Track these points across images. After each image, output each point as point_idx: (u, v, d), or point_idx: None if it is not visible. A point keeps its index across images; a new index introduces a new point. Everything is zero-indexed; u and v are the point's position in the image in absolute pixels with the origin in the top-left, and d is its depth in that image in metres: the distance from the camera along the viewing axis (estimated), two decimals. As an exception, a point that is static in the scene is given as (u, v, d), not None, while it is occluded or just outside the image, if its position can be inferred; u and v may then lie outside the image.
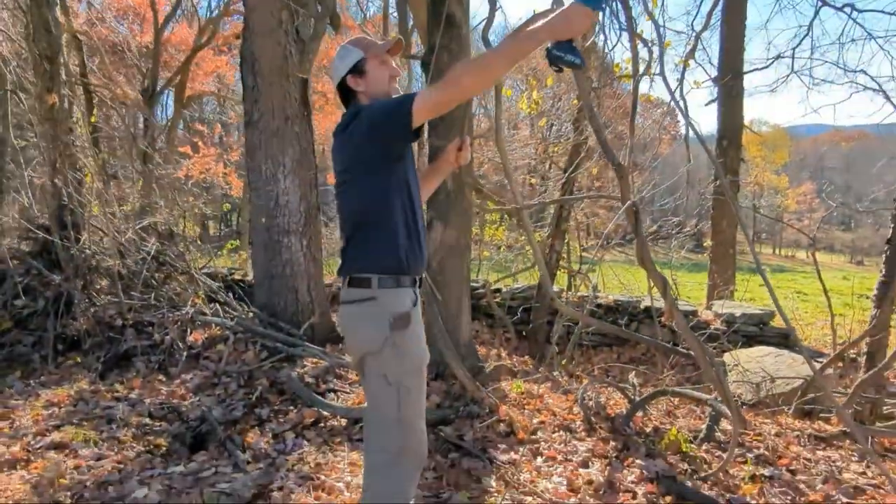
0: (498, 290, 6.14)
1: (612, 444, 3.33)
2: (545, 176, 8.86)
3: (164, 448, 3.40)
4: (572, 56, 1.65)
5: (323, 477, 2.98)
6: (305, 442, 3.38)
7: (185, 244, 6.20)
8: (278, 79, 4.70)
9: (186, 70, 12.00)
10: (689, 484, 2.83)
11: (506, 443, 3.34)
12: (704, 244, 8.77)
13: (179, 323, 4.81)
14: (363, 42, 2.08)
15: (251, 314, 5.04)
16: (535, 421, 3.61)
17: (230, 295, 5.48)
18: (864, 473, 3.03)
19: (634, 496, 2.79)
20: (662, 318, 5.45)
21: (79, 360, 4.73)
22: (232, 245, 9.90)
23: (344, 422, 3.59)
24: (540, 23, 1.65)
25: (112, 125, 11.31)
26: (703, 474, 2.92)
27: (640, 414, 3.70)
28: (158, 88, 11.83)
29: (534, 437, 3.43)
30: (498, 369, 4.20)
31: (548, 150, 7.14)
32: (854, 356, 4.90)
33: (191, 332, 4.77)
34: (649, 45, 5.24)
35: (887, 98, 6.19)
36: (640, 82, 4.89)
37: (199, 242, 7.79)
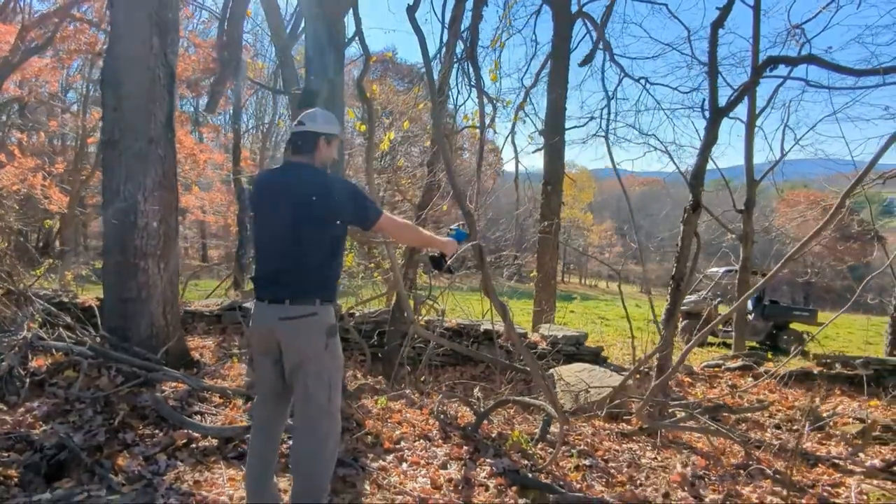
0: (352, 315, 6.48)
1: (465, 448, 3.86)
2: (395, 207, 9.43)
3: (16, 479, 3.28)
4: (443, 266, 2.99)
5: (204, 493, 3.12)
6: (179, 462, 3.47)
7: (9, 261, 5.74)
8: (144, 102, 4.70)
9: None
10: (529, 476, 3.44)
11: (374, 452, 3.72)
12: (531, 275, 9.90)
13: (17, 348, 4.51)
14: (336, 122, 2.80)
15: (99, 338, 4.86)
16: (397, 432, 4.03)
17: (67, 317, 5.21)
18: (655, 458, 3.88)
19: (487, 489, 3.32)
20: (500, 340, 6.19)
21: None
22: (50, 264, 9.06)
23: (216, 442, 3.72)
24: (440, 239, 2.96)
25: None
26: (539, 467, 3.55)
27: (485, 422, 4.29)
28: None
29: (398, 446, 3.84)
30: (361, 388, 4.55)
31: (399, 184, 7.70)
32: (647, 369, 6.00)
33: (32, 359, 4.50)
34: (494, 101, 6.03)
35: (671, 159, 7.72)
36: (485, 131, 5.63)
37: (24, 260, 7.13)
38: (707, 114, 4.94)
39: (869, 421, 5.21)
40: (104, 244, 5.03)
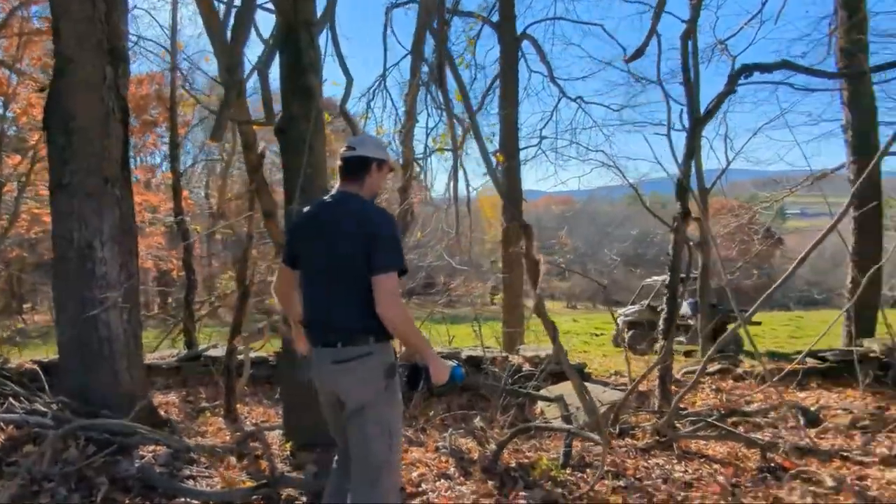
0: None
1: (491, 483, 3.62)
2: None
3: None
4: (419, 385, 2.46)
5: (223, 569, 2.75)
6: (182, 536, 3.06)
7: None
8: (98, 138, 4.28)
9: None
10: (570, 504, 3.25)
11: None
12: (496, 298, 9.81)
13: (-39, 426, 3.93)
14: (385, 147, 2.64)
15: (56, 404, 4.32)
16: (414, 474, 3.75)
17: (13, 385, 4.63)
18: (686, 471, 3.78)
19: (531, 524, 3.11)
20: (487, 365, 6.01)
21: None
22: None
23: (219, 508, 3.32)
24: (434, 354, 2.40)
25: None
26: (578, 494, 3.37)
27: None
28: None
29: (420, 489, 3.56)
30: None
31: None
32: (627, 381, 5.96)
33: (-20, 437, 3.92)
34: (464, 123, 5.94)
35: (621, 174, 7.86)
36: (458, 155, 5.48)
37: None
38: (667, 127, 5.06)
39: (856, 412, 5.36)
40: (57, 298, 4.51)
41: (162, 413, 5.19)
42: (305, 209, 2.62)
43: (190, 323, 7.80)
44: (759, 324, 14.52)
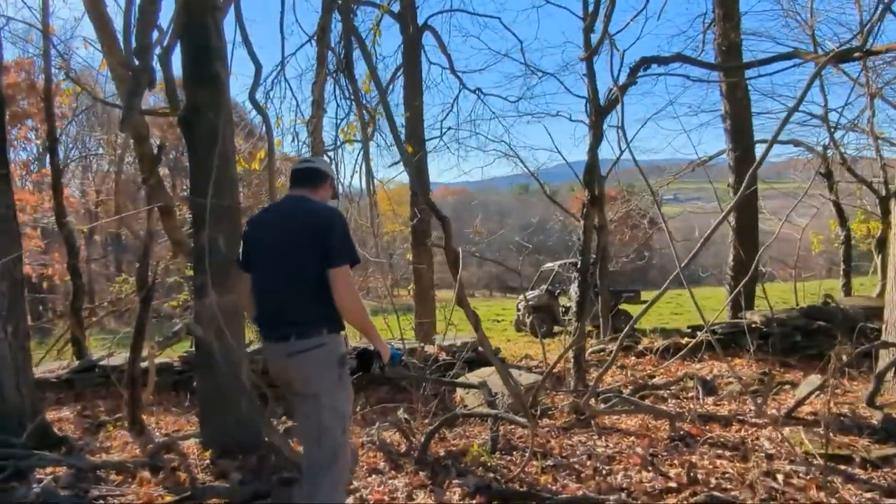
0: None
1: (422, 474, 3.62)
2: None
3: None
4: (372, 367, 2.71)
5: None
6: (101, 562, 2.83)
7: None
8: (-30, 130, 3.83)
9: None
10: (504, 488, 3.31)
11: (330, 499, 3.34)
12: (409, 288, 9.81)
13: None
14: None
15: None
16: (344, 472, 3.68)
17: None
18: (607, 446, 3.97)
19: (468, 511, 3.14)
20: (405, 358, 5.98)
21: None
22: None
23: (138, 527, 3.09)
24: (381, 338, 2.68)
25: None
26: (510, 477, 3.44)
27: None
28: None
29: (352, 487, 3.50)
30: (290, 430, 4.10)
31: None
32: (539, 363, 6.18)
33: None
34: (374, 113, 5.86)
35: (521, 163, 8.17)
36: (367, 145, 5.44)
37: None
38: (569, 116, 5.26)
39: (745, 378, 5.86)
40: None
41: (56, 431, 4.76)
42: (257, 212, 2.82)
43: (79, 332, 7.18)
44: (646, 302, 15.53)
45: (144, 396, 4.83)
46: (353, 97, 5.70)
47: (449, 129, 9.28)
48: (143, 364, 4.88)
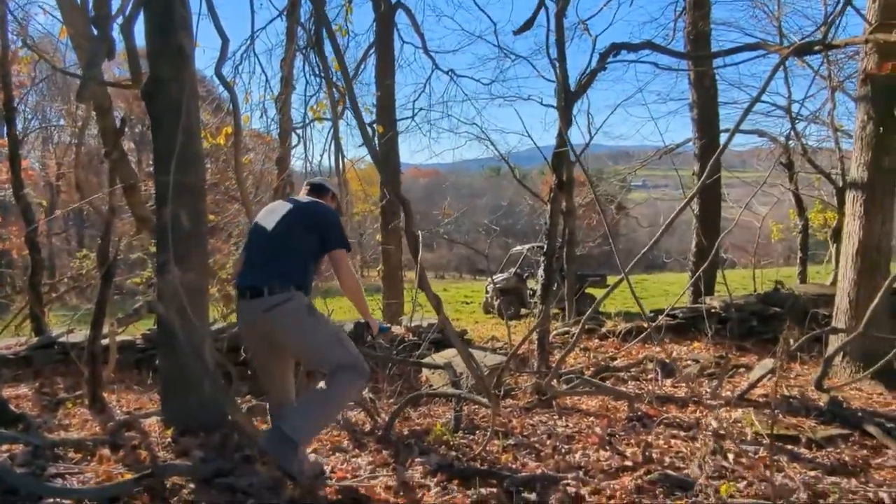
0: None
1: (385, 452, 3.67)
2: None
3: None
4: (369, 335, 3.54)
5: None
6: (58, 543, 2.80)
7: None
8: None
9: None
10: (466, 466, 3.38)
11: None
12: (377, 269, 9.79)
13: None
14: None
15: None
16: (308, 450, 3.70)
17: None
18: (567, 426, 4.07)
19: (429, 488, 3.20)
20: (370, 338, 6.02)
21: None
22: None
23: (97, 504, 3.07)
24: (369, 313, 3.38)
25: None
26: (472, 455, 3.51)
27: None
28: None
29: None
30: (254, 410, 4.11)
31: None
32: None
33: None
34: (344, 92, 5.82)
35: (493, 146, 8.20)
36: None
37: None
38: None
39: (702, 361, 6.04)
40: None
41: (13, 408, 4.67)
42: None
43: (38, 307, 7.02)
44: (608, 285, 15.82)
45: (105, 374, 4.78)
46: (323, 74, 5.64)
47: (421, 109, 9.28)
48: (105, 341, 4.82)
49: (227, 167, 8.54)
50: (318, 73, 6.05)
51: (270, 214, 3.13)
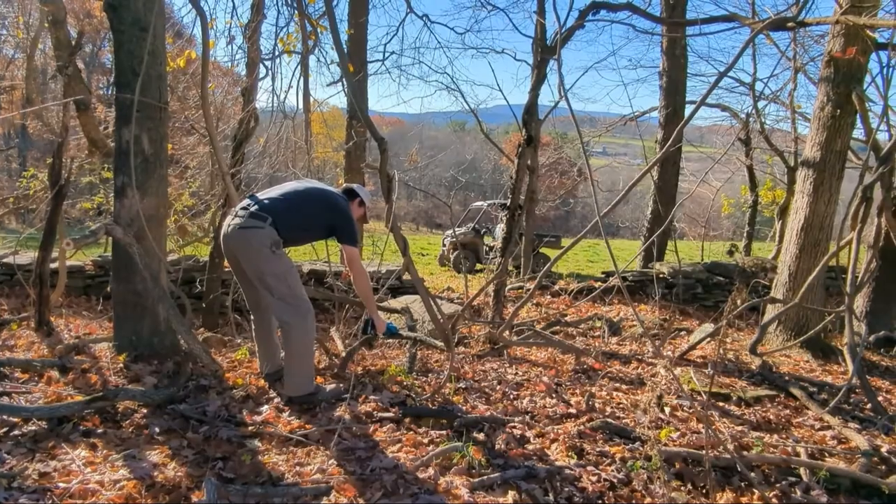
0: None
1: (340, 387, 3.74)
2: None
3: None
4: (368, 331, 3.84)
5: (61, 484, 2.56)
6: (6, 455, 2.78)
7: None
8: None
9: None
10: (419, 405, 3.49)
11: (247, 407, 3.41)
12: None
13: None
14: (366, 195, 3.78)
15: None
16: (263, 383, 3.74)
17: None
18: (516, 374, 4.22)
19: (382, 423, 3.30)
20: (331, 280, 6.03)
21: None
22: None
23: (46, 424, 3.05)
24: (375, 311, 3.73)
25: None
26: (425, 396, 3.62)
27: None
28: None
29: (269, 396, 3.58)
30: (208, 341, 4.09)
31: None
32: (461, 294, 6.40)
33: None
34: (316, 25, 5.66)
35: (462, 97, 8.10)
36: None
37: None
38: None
39: (647, 323, 6.30)
40: None
41: (-47, 328, 4.54)
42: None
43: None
44: (563, 246, 16.15)
45: (54, 297, 4.67)
46: (295, 4, 5.44)
47: (392, 53, 9.04)
48: (54, 265, 4.69)
49: (186, 95, 8.20)
50: (290, 2, 5.83)
51: (303, 182, 3.61)
